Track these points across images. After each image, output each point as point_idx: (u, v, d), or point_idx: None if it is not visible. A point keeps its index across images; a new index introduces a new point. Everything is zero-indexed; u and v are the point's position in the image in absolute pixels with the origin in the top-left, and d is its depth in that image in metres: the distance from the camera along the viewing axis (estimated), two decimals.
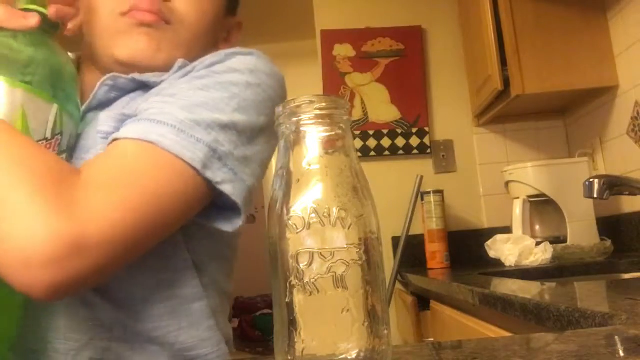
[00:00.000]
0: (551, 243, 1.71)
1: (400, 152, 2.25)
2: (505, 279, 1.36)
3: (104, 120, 0.61)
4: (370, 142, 2.25)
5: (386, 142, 2.26)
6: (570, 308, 0.71)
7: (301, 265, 0.36)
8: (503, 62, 1.88)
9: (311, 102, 0.38)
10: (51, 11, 0.56)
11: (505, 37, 1.86)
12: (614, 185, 1.23)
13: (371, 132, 2.26)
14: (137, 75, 0.65)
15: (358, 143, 2.22)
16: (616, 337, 0.43)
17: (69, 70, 0.57)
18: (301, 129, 0.38)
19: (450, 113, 2.31)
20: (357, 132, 2.23)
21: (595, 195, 1.22)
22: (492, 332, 1.10)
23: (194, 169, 0.53)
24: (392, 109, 2.28)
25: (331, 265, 0.36)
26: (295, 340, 0.36)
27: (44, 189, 0.45)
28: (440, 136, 2.30)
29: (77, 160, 0.60)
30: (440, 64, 2.34)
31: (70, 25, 0.66)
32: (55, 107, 0.52)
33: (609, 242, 1.77)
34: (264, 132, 0.60)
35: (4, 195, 0.45)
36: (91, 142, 0.60)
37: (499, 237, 1.76)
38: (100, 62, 0.69)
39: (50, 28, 0.56)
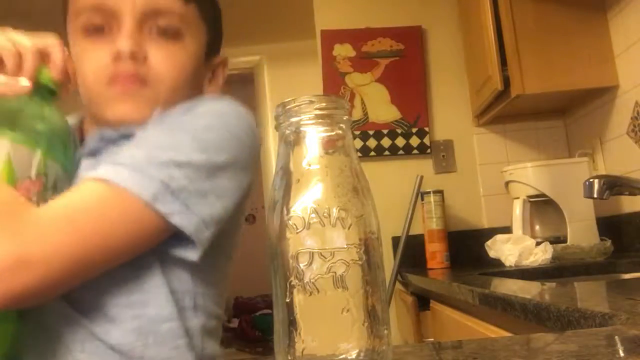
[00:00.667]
0: (551, 243, 1.71)
1: (400, 152, 2.25)
2: (505, 279, 1.36)
3: (85, 167, 0.69)
4: (370, 142, 2.25)
5: (386, 142, 2.26)
6: (570, 308, 0.71)
7: (301, 265, 0.36)
8: (503, 62, 1.88)
9: (311, 102, 0.38)
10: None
11: (505, 37, 1.86)
12: (614, 185, 1.23)
13: (371, 132, 2.26)
14: (122, 129, 0.71)
15: (358, 143, 2.22)
16: (616, 337, 0.43)
17: (57, 124, 0.66)
18: (301, 129, 0.38)
19: (450, 113, 2.31)
20: (357, 132, 2.23)
21: (595, 195, 1.22)
22: (492, 332, 1.10)
23: (145, 202, 0.58)
24: (392, 109, 2.28)
25: (331, 265, 0.36)
26: (295, 340, 0.36)
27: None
28: (440, 136, 2.30)
29: None
30: (440, 64, 2.34)
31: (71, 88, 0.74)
32: (38, 153, 0.61)
33: (609, 242, 1.77)
34: (229, 168, 0.65)
35: None
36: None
37: (499, 237, 1.76)
38: (95, 120, 0.75)
39: (46, 93, 0.66)
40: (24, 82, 0.63)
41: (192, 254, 0.63)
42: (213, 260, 0.70)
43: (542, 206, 1.90)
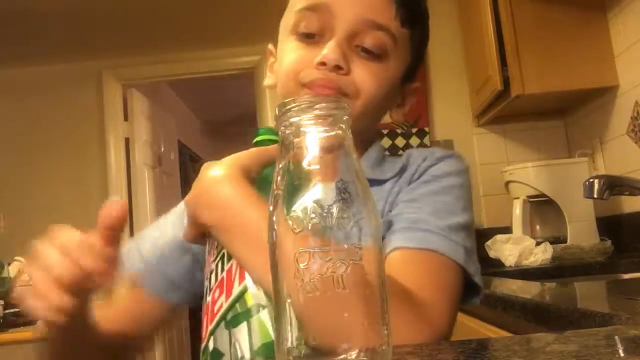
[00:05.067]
0: (551, 243, 1.71)
1: (400, 152, 2.24)
2: (505, 279, 1.36)
3: None
4: None
5: (386, 143, 2.26)
6: (570, 308, 0.71)
7: (301, 265, 0.36)
8: (503, 62, 1.88)
9: (311, 102, 0.38)
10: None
11: (505, 37, 1.86)
12: (614, 185, 1.23)
13: None
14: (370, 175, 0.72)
15: None
16: (616, 337, 0.43)
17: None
18: (301, 129, 0.38)
19: (450, 113, 2.31)
20: None
21: (595, 195, 1.22)
22: (492, 332, 1.10)
23: (462, 267, 0.64)
24: None
25: (331, 265, 0.36)
26: (295, 340, 0.36)
27: (405, 305, 0.56)
28: (440, 136, 2.30)
29: None
30: (440, 64, 2.34)
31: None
32: None
33: (609, 242, 1.77)
34: (473, 220, 0.73)
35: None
36: None
37: (499, 237, 1.76)
38: None
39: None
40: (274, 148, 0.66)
41: (476, 300, 0.70)
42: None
43: (542, 206, 1.90)
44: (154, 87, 4.02)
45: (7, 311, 2.13)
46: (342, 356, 0.35)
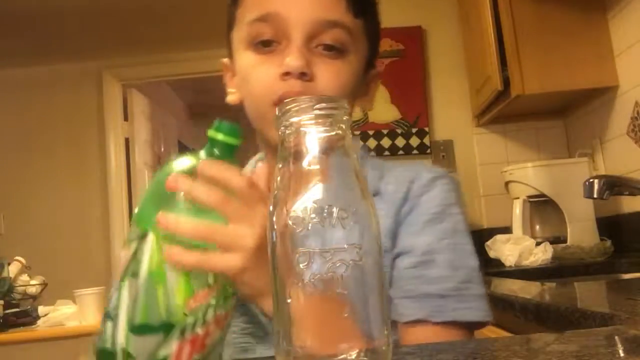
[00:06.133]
0: (551, 243, 1.71)
1: (400, 152, 2.25)
2: (505, 279, 1.36)
3: None
4: (370, 143, 2.25)
5: (386, 142, 2.26)
6: (570, 308, 0.71)
7: (301, 265, 0.36)
8: (503, 62, 1.87)
9: (311, 102, 0.38)
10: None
11: (505, 37, 1.86)
12: (614, 185, 1.23)
13: (371, 132, 2.26)
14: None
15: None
16: (616, 337, 0.43)
17: None
18: (301, 129, 0.38)
19: (450, 113, 2.31)
20: (357, 132, 2.23)
21: (595, 195, 1.22)
22: (492, 332, 1.10)
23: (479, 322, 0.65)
24: (392, 109, 2.28)
25: (331, 265, 0.36)
26: (296, 340, 0.36)
27: None
28: (440, 136, 2.30)
29: None
30: (440, 64, 2.34)
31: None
32: None
33: (609, 242, 1.77)
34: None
35: None
36: None
37: (499, 237, 1.76)
38: (260, 136, 0.73)
39: (230, 154, 0.56)
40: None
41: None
42: None
43: (542, 206, 1.90)
44: (154, 87, 4.02)
45: (7, 311, 2.13)
46: (342, 356, 0.35)
